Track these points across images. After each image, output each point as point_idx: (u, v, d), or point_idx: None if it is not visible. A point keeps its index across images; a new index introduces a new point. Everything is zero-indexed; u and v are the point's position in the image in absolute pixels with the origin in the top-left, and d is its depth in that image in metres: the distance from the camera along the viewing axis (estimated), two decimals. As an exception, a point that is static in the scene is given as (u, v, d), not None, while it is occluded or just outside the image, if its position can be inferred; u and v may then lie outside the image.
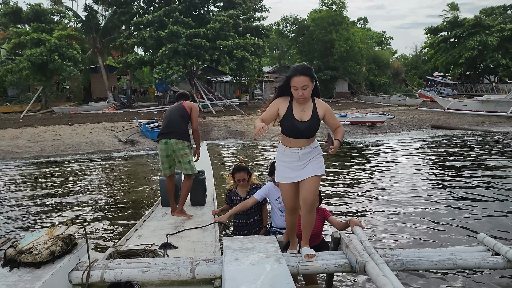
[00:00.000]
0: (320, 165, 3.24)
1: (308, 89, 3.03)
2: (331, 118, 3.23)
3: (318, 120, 3.15)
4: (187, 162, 4.86)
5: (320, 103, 3.19)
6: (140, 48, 29.00)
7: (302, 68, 3.01)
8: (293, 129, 3.11)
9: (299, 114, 3.11)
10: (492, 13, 43.65)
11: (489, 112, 22.42)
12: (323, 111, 3.16)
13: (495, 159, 10.73)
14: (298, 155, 3.16)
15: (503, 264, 2.95)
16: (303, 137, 3.14)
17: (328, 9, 36.86)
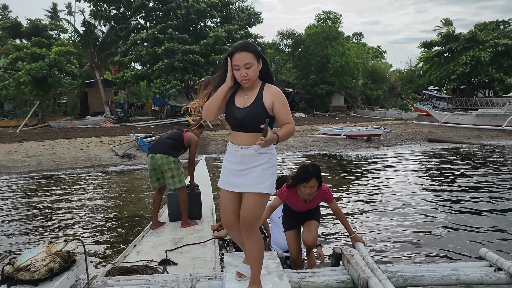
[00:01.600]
0: (263, 179, 2.59)
1: (252, 67, 2.53)
2: (281, 110, 2.57)
3: (263, 107, 2.54)
4: (170, 177, 5.02)
5: (271, 89, 2.61)
6: (137, 63, 29.20)
7: (243, 44, 2.55)
8: (231, 116, 2.62)
9: (240, 100, 2.61)
10: (484, 28, 44.30)
11: (485, 125, 22.56)
12: (271, 97, 2.56)
13: (493, 172, 10.75)
14: (237, 155, 2.62)
15: (506, 279, 2.94)
16: (243, 128, 2.58)
17: (323, 25, 37.29)
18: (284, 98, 2.60)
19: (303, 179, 3.45)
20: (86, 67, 31.83)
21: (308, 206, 3.72)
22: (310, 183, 3.44)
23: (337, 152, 15.72)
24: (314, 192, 3.50)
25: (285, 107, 2.59)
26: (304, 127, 25.26)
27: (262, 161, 2.59)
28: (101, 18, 29.59)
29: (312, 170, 3.43)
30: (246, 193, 2.60)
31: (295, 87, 39.49)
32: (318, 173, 3.47)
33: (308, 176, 3.43)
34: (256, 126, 2.47)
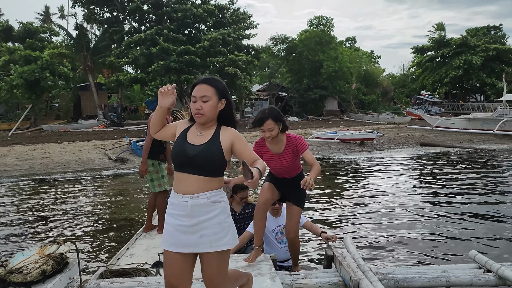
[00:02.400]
0: (222, 234, 2.23)
1: (209, 103, 2.26)
2: (245, 147, 2.33)
3: (219, 147, 2.26)
4: (149, 180, 4.93)
5: (228, 130, 2.35)
6: (131, 66, 29.17)
7: (207, 77, 2.35)
8: (180, 153, 2.25)
9: (194, 137, 2.31)
10: (476, 33, 44.84)
11: (476, 130, 22.79)
12: (230, 138, 2.30)
13: (484, 176, 10.87)
14: (186, 207, 2.20)
15: (494, 281, 2.99)
16: (192, 170, 2.21)
17: (315, 29, 37.51)
18: (242, 137, 2.36)
19: (259, 121, 3.21)
20: (79, 71, 31.74)
21: (284, 162, 3.38)
22: (267, 124, 3.18)
23: (331, 156, 15.79)
24: (274, 135, 3.21)
25: (247, 145, 2.35)
26: (297, 131, 25.32)
27: (216, 212, 2.23)
28: (94, 21, 29.56)
29: (268, 111, 3.23)
30: (205, 253, 2.23)
31: (289, 91, 39.65)
32: (275, 114, 3.22)
33: (263, 117, 3.19)
34: (209, 168, 2.22)
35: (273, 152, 3.38)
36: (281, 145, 3.35)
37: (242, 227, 4.31)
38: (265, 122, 3.17)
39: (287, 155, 3.36)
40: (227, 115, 2.36)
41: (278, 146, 3.36)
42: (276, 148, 3.36)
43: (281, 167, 3.42)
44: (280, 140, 3.34)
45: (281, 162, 3.39)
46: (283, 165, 3.39)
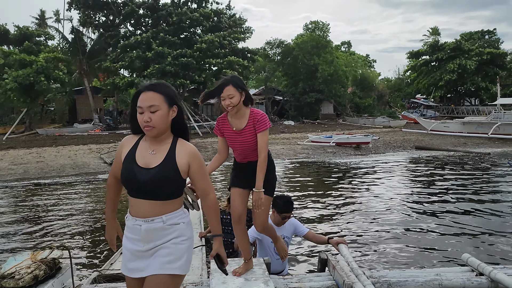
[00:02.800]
0: (176, 256, 2.03)
1: (159, 112, 1.97)
2: (200, 174, 2.08)
3: (175, 167, 2.00)
4: None
5: (186, 146, 2.08)
6: (127, 70, 29.15)
7: (153, 83, 2.05)
8: (129, 178, 2.00)
9: (144, 157, 2.02)
10: (470, 38, 45.17)
11: (471, 133, 22.92)
12: (187, 157, 2.03)
13: (478, 179, 10.92)
14: (140, 231, 2.00)
15: (487, 284, 3.00)
16: (146, 195, 1.98)
17: (311, 34, 37.67)
18: (202, 159, 2.11)
19: (218, 87, 2.90)
20: (75, 75, 31.66)
21: (245, 140, 2.97)
22: (226, 91, 2.84)
23: (326, 160, 15.81)
24: (235, 103, 2.85)
25: (204, 171, 2.08)
26: (293, 134, 25.37)
27: (174, 235, 2.03)
28: (90, 25, 29.53)
29: (229, 77, 2.94)
30: (149, 276, 2.00)
31: (285, 95, 39.72)
32: (236, 80, 2.91)
33: (223, 82, 2.88)
34: (165, 192, 1.97)
35: (234, 129, 2.98)
36: (244, 120, 2.96)
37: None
38: (225, 88, 2.84)
39: (248, 132, 2.94)
40: (178, 123, 2.09)
41: (240, 121, 2.97)
42: (238, 124, 2.97)
43: (242, 147, 2.99)
44: (242, 114, 2.95)
45: (241, 140, 2.97)
46: (245, 144, 2.97)
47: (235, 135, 2.99)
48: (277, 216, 3.73)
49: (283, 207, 3.70)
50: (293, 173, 13.00)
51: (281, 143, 20.55)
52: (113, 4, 28.37)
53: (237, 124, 2.99)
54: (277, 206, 3.71)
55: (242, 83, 2.96)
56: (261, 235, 3.64)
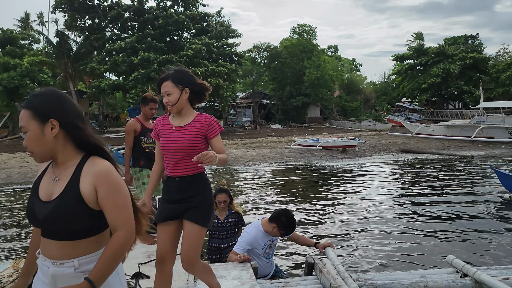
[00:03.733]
0: None
1: (28, 135, 1.57)
2: (109, 205, 1.53)
3: (78, 197, 1.52)
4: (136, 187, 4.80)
5: (95, 166, 1.57)
6: (112, 73, 28.92)
7: (26, 99, 1.62)
8: (28, 213, 1.62)
9: (47, 186, 1.60)
10: (454, 42, 46.02)
11: (455, 136, 23.30)
12: (92, 180, 1.53)
13: (462, 182, 11.09)
14: (47, 274, 1.56)
15: (471, 285, 3.04)
16: (50, 235, 1.54)
17: (299, 37, 37.91)
18: (118, 182, 1.56)
19: (158, 83, 2.58)
20: (60, 78, 31.26)
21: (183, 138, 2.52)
22: (164, 87, 2.53)
23: (313, 163, 15.88)
24: (173, 101, 2.50)
25: (117, 199, 1.54)
26: (280, 138, 25.45)
27: None
28: (75, 28, 29.24)
29: (171, 71, 2.60)
30: None
31: (272, 98, 39.84)
32: (178, 76, 2.55)
33: (163, 77, 2.57)
34: (70, 231, 1.51)
35: (174, 128, 2.58)
36: (188, 119, 2.59)
37: (225, 235, 4.26)
38: (162, 84, 2.55)
39: (190, 131, 2.53)
40: (78, 138, 1.58)
41: (181, 119, 2.60)
42: (178, 121, 2.60)
43: (176, 146, 2.50)
44: (186, 113, 2.60)
45: (179, 136, 2.52)
46: (180, 143, 2.50)
47: (173, 132, 2.56)
48: (275, 232, 3.55)
49: (287, 228, 3.53)
50: (280, 176, 13.02)
51: (268, 147, 20.58)
52: (98, 7, 28.16)
53: (177, 121, 2.61)
54: (281, 225, 3.51)
55: (187, 78, 2.57)
56: (251, 245, 3.51)
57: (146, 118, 4.75)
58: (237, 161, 16.37)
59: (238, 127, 34.49)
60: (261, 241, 3.57)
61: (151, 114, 4.71)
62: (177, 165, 2.53)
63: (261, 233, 3.57)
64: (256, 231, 3.57)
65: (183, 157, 2.51)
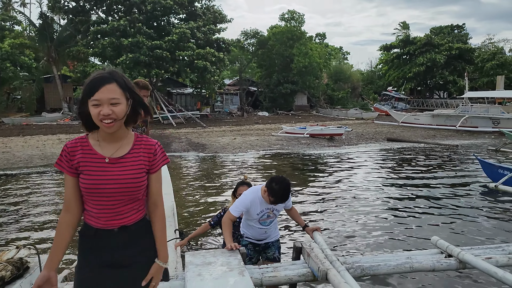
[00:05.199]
0: None
1: None
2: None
3: None
4: None
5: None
6: (98, 58, 28.36)
7: None
8: None
9: None
10: (440, 32, 46.36)
11: (440, 125, 23.62)
12: None
13: (445, 169, 11.28)
14: None
15: (455, 265, 3.11)
16: None
17: (286, 24, 37.68)
18: None
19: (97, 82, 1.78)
20: (43, 62, 30.54)
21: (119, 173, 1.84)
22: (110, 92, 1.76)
23: (300, 151, 15.94)
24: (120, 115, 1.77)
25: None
26: (267, 125, 25.44)
27: None
28: (59, 10, 28.44)
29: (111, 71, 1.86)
30: None
31: (259, 86, 39.69)
32: (124, 80, 1.86)
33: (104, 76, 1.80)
34: None
35: (106, 159, 1.84)
36: (124, 143, 1.90)
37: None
38: (104, 86, 1.76)
39: (132, 163, 1.86)
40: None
41: (116, 145, 1.88)
42: (111, 149, 1.87)
43: (115, 189, 1.81)
44: (122, 136, 1.89)
45: (117, 175, 1.83)
46: (121, 184, 1.82)
47: (105, 166, 1.83)
48: (266, 197, 3.40)
49: (275, 196, 3.34)
50: (267, 164, 13.04)
51: (255, 134, 20.57)
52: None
53: (110, 149, 1.86)
54: (270, 191, 3.34)
55: (130, 85, 1.89)
56: (247, 208, 3.41)
57: None
58: (224, 148, 16.32)
59: (225, 114, 34.32)
60: (257, 207, 3.44)
61: None
62: (117, 214, 1.86)
63: (258, 198, 3.44)
64: (254, 196, 3.44)
65: (125, 201, 1.85)
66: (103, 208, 1.84)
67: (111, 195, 1.82)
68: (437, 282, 4.25)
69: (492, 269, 2.82)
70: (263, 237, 3.69)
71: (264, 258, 3.72)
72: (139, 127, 4.57)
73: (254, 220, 3.53)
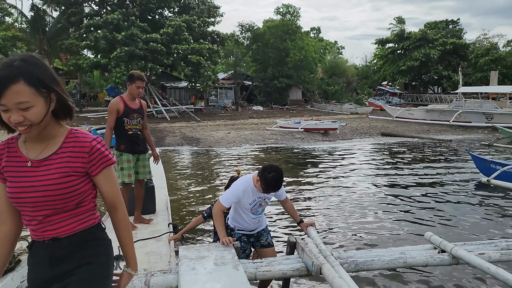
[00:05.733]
0: None
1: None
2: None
3: None
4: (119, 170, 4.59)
5: None
6: (91, 51, 28.10)
7: None
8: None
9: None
10: (435, 27, 46.45)
11: (434, 120, 23.72)
12: None
13: (439, 164, 11.33)
14: None
15: (448, 260, 3.12)
16: None
17: (282, 18, 37.56)
18: None
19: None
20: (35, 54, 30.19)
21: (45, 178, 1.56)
22: (13, 94, 1.41)
23: (294, 145, 15.94)
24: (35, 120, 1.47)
25: None
26: (262, 120, 25.41)
27: None
28: (51, 1, 28.10)
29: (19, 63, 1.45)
30: None
31: (254, 80, 39.60)
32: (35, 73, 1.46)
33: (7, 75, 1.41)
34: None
35: (29, 163, 1.58)
36: (52, 143, 1.60)
37: None
38: (9, 88, 1.40)
39: (57, 165, 1.57)
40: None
41: (43, 145, 1.60)
42: (37, 150, 1.60)
43: (38, 196, 1.54)
44: (50, 133, 1.60)
45: (40, 179, 1.55)
46: (45, 191, 1.54)
47: (28, 171, 1.56)
48: (258, 186, 3.33)
49: (267, 184, 3.25)
50: (261, 158, 13.04)
51: (249, 129, 20.54)
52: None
53: (35, 151, 1.59)
54: (263, 180, 3.26)
55: (50, 74, 1.51)
56: (238, 198, 3.35)
57: (132, 97, 4.49)
58: (218, 142, 16.28)
59: (220, 108, 34.23)
60: (249, 197, 3.38)
61: (138, 93, 4.47)
62: (45, 225, 1.59)
63: (250, 188, 3.36)
64: (246, 185, 3.37)
65: (51, 208, 1.56)
66: (31, 219, 1.58)
67: (34, 205, 1.54)
68: (431, 278, 4.27)
69: (485, 265, 2.83)
70: (256, 227, 3.64)
71: (259, 247, 3.69)
72: (134, 118, 4.49)
73: (246, 210, 3.47)
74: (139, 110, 4.57)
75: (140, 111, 4.58)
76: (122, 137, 4.50)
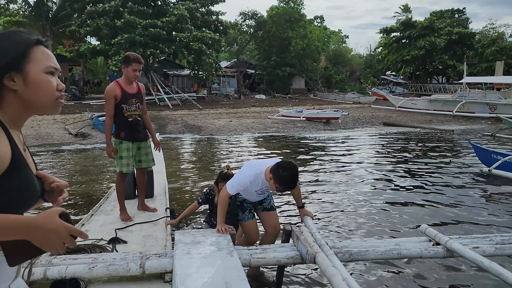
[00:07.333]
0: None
1: None
2: None
3: None
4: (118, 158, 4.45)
5: None
6: (94, 37, 27.99)
7: None
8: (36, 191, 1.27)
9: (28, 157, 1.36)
10: (441, 16, 45.89)
11: (436, 110, 23.58)
12: None
13: (440, 155, 11.29)
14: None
15: (443, 253, 3.12)
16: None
17: (285, 6, 37.20)
18: None
19: None
20: (38, 41, 30.11)
21: None
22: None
23: (296, 134, 15.92)
24: None
25: None
26: (264, 108, 25.34)
27: None
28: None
29: None
30: None
31: (257, 68, 39.41)
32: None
33: None
34: None
35: None
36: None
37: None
38: None
39: None
40: None
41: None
42: None
43: None
44: None
45: None
46: None
47: None
48: (272, 184, 3.21)
49: (283, 183, 3.15)
50: (262, 146, 13.04)
51: (251, 117, 20.50)
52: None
53: None
54: (278, 178, 3.14)
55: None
56: (245, 187, 3.30)
57: (128, 81, 4.28)
58: (220, 131, 16.29)
59: (222, 96, 34.14)
60: (257, 186, 3.34)
61: (135, 76, 4.25)
62: None
63: (261, 179, 3.30)
64: (255, 177, 3.29)
65: None
66: None
67: None
68: (425, 270, 4.28)
69: (479, 259, 2.83)
70: (259, 199, 3.66)
71: (261, 210, 3.69)
72: (132, 104, 4.32)
73: (252, 192, 3.46)
74: (137, 95, 4.36)
75: (138, 95, 4.36)
76: (122, 124, 4.31)
